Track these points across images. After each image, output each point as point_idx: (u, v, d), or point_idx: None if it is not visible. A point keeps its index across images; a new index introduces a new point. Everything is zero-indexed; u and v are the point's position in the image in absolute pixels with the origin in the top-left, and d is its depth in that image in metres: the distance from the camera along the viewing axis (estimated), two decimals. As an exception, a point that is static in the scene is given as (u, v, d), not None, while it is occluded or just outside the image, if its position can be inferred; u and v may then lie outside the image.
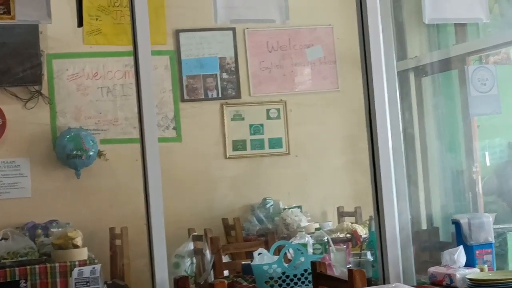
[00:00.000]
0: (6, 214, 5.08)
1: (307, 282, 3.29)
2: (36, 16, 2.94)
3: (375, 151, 3.50)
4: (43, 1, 2.92)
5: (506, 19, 4.74)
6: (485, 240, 3.46)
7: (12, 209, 5.15)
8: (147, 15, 3.18)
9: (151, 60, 3.22)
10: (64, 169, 5.37)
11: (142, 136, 3.19)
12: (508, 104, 4.29)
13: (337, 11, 5.55)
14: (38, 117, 5.39)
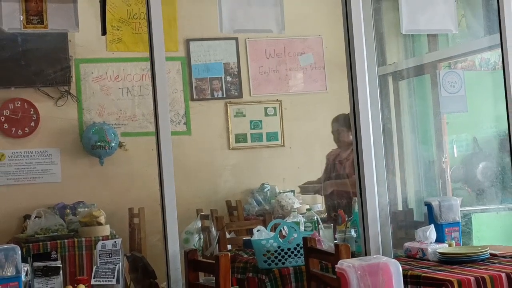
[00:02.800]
0: (40, 196, 5.09)
1: (299, 255, 3.31)
2: (65, 26, 2.94)
3: (358, 144, 3.51)
4: (72, 13, 2.92)
5: (472, 31, 4.73)
6: (453, 220, 3.48)
7: (45, 192, 5.15)
8: (161, 26, 3.19)
9: (165, 65, 3.23)
10: (90, 158, 5.37)
11: (157, 129, 3.20)
12: (473, 104, 4.29)
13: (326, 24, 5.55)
14: (67, 113, 5.39)
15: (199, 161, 5.63)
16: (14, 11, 2.88)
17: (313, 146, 5.84)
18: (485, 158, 4.63)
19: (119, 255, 2.76)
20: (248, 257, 3.57)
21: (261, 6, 3.37)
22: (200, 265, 3.01)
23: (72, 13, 2.92)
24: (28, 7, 2.88)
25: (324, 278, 2.92)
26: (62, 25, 2.92)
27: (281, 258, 3.32)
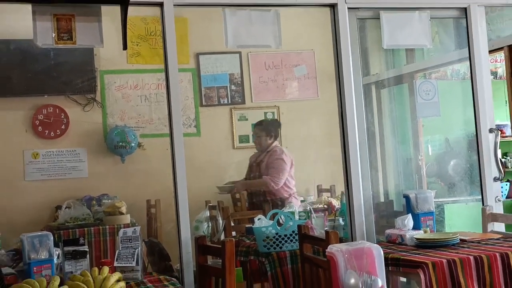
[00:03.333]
0: (69, 190, 5.08)
1: (295, 240, 3.31)
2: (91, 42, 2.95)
3: (346, 144, 3.53)
4: (97, 30, 2.93)
5: (444, 46, 4.73)
6: (428, 210, 3.49)
7: (74, 186, 5.15)
8: (175, 42, 3.19)
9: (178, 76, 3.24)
10: (113, 156, 5.37)
11: (171, 132, 3.21)
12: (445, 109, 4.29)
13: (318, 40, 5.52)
14: (93, 118, 5.38)
15: (207, 159, 5.62)
16: (47, 29, 2.89)
17: (307, 146, 5.84)
18: (455, 156, 4.61)
19: (138, 241, 2.76)
20: (250, 242, 3.58)
21: (261, 25, 3.38)
22: (208, 249, 3.01)
23: (97, 31, 2.93)
24: (59, 25, 2.89)
25: (316, 261, 2.93)
26: (88, 41, 2.93)
27: (278, 243, 3.33)
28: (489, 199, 3.73)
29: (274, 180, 4.61)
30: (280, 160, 4.71)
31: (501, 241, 3.10)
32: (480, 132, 3.77)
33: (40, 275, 2.57)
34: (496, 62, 5.94)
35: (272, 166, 4.67)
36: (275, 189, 4.64)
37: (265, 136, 4.76)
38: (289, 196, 4.70)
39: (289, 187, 4.74)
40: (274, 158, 4.70)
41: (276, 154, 4.71)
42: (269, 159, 4.70)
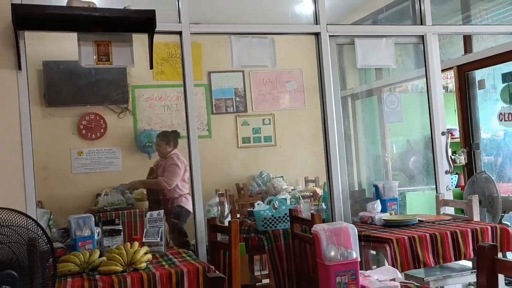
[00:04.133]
0: (107, 180, 5.07)
1: (287, 221, 3.31)
2: (125, 62, 2.95)
3: (327, 144, 3.53)
4: (129, 54, 2.93)
5: (405, 66, 4.74)
6: (392, 197, 3.49)
7: (110, 177, 5.14)
8: (191, 63, 3.20)
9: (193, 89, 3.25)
10: (141, 154, 5.36)
11: (188, 134, 3.21)
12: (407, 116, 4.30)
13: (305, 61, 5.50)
14: (126, 123, 5.38)
15: (217, 156, 5.61)
16: (89, 53, 2.89)
17: (296, 146, 5.85)
18: (415, 154, 4.63)
19: (162, 221, 2.76)
20: (251, 222, 3.58)
21: (259, 49, 3.38)
22: (218, 228, 3.02)
23: (129, 54, 2.93)
24: (99, 50, 2.89)
25: (303, 237, 2.92)
26: (122, 62, 2.94)
27: (274, 223, 3.33)
28: (441, 188, 3.74)
29: (168, 181, 4.45)
30: (175, 165, 4.55)
31: (451, 221, 3.11)
32: (434, 134, 3.78)
33: (83, 248, 2.59)
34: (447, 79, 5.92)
35: (167, 170, 4.52)
36: (167, 189, 4.49)
37: (165, 144, 4.65)
38: (179, 196, 4.54)
39: (181, 189, 4.56)
40: (170, 163, 4.52)
41: (172, 160, 4.55)
42: (166, 164, 4.57)
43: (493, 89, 5.29)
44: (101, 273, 2.30)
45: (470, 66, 5.01)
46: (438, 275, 2.98)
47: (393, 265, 2.65)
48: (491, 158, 5.52)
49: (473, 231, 2.82)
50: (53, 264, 1.93)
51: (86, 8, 2.66)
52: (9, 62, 2.77)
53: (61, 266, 2.32)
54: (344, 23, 4.22)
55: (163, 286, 2.22)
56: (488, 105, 5.30)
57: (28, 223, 1.90)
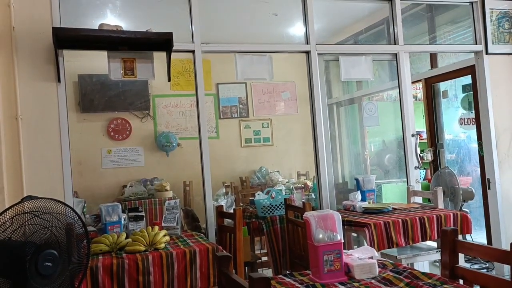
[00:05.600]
0: (131, 174, 5.09)
1: (282, 208, 3.31)
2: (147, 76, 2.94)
3: (316, 144, 3.52)
4: (151, 69, 2.93)
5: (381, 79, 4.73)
6: (370, 188, 3.49)
7: (135, 172, 5.15)
8: (202, 76, 3.20)
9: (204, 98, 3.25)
10: (161, 152, 5.36)
11: (200, 136, 3.21)
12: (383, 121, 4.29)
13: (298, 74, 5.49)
14: (148, 126, 5.39)
15: (224, 154, 5.63)
16: (117, 68, 2.89)
17: (290, 145, 5.85)
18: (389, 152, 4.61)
19: (178, 209, 2.77)
20: (252, 209, 3.59)
21: (259, 65, 3.37)
22: (225, 214, 3.02)
23: (151, 69, 2.93)
24: (125, 65, 2.89)
25: (296, 222, 2.93)
26: (145, 75, 2.93)
27: (271, 210, 3.34)
28: (412, 181, 3.73)
29: None
30: None
31: (419, 209, 3.11)
32: (405, 136, 3.76)
33: (112, 231, 2.59)
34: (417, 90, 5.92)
35: None
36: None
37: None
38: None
39: None
40: None
41: None
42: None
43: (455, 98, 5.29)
44: (127, 252, 2.30)
45: (436, 79, 5.01)
46: (409, 254, 2.98)
47: (371, 245, 2.65)
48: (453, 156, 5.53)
49: (437, 217, 2.82)
50: (87, 245, 1.94)
51: (115, 30, 2.66)
52: (50, 75, 2.77)
53: (93, 246, 2.33)
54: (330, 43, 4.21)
55: (179, 263, 2.23)
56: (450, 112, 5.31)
57: (66, 210, 1.91)
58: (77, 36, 2.66)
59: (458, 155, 5.48)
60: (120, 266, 2.15)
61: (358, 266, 1.67)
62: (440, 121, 5.16)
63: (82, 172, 4.99)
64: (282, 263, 3.24)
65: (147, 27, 2.83)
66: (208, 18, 3.36)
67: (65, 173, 2.77)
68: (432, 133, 5.16)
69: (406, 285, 1.54)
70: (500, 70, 3.99)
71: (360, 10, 4.39)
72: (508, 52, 3.98)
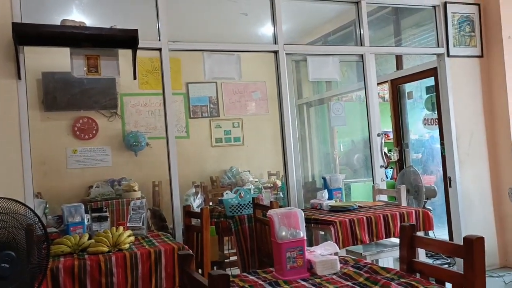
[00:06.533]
0: (98, 174, 4.98)
1: (250, 207, 3.32)
2: (112, 73, 2.88)
3: (284, 144, 3.55)
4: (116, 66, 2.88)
5: (349, 79, 4.81)
6: (337, 187, 3.54)
7: (101, 172, 5.04)
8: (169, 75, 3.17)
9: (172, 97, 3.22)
10: (129, 152, 5.27)
11: (167, 135, 3.18)
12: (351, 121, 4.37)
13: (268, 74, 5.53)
14: (115, 125, 5.28)
15: (194, 154, 5.59)
16: (80, 65, 2.83)
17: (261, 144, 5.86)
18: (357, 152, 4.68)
19: (144, 209, 2.73)
20: (221, 209, 3.57)
21: (227, 64, 3.37)
22: (192, 214, 3.01)
23: (116, 66, 2.88)
24: (89, 62, 2.83)
25: (263, 221, 2.95)
26: (109, 73, 2.88)
27: (239, 209, 3.34)
28: (377, 180, 3.81)
29: None
30: None
31: (384, 206, 3.18)
32: (371, 136, 3.84)
33: (75, 233, 2.54)
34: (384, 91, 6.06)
35: None
36: None
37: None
38: None
39: None
40: None
41: None
42: None
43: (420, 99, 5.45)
44: (90, 253, 2.26)
45: (401, 80, 5.15)
46: (373, 250, 3.04)
47: (336, 243, 2.69)
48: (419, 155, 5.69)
49: (400, 214, 2.89)
50: (47, 246, 1.90)
51: (77, 27, 2.61)
52: (10, 72, 2.69)
53: (55, 247, 2.28)
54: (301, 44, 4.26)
55: (143, 263, 2.20)
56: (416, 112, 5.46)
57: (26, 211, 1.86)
58: (38, 32, 2.60)
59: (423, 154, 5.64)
60: (82, 268, 2.11)
61: (320, 262, 1.70)
62: (405, 121, 5.30)
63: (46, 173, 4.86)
64: (250, 262, 3.25)
65: (112, 24, 2.78)
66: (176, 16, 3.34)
67: (26, 173, 2.70)
68: (398, 133, 5.30)
69: (365, 280, 1.58)
70: (461, 72, 4.14)
71: (329, 12, 4.46)
72: (469, 55, 4.14)
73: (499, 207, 4.17)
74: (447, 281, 1.56)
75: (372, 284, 1.53)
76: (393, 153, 5.37)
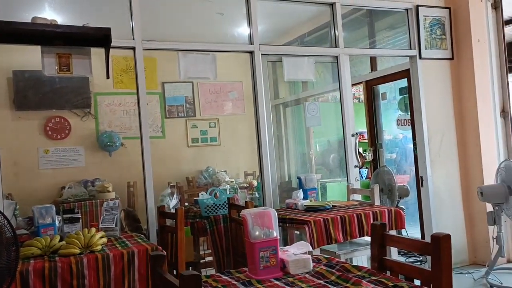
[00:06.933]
0: (71, 175, 4.87)
1: (226, 208, 3.32)
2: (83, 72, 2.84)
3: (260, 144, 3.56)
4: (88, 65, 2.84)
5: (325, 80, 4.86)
6: (312, 186, 3.56)
7: (74, 172, 4.94)
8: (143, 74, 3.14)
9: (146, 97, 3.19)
10: (103, 152, 5.17)
11: (141, 135, 3.15)
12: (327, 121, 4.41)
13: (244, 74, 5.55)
14: (89, 125, 5.18)
15: (170, 154, 5.54)
16: (52, 63, 2.78)
17: (237, 144, 5.87)
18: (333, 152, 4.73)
19: (117, 210, 2.70)
20: (196, 209, 3.56)
21: (203, 64, 3.36)
22: (166, 214, 2.99)
23: (88, 65, 2.84)
24: (60, 61, 2.78)
25: (238, 221, 2.95)
26: (81, 72, 2.83)
27: (215, 210, 3.33)
28: (352, 179, 3.86)
29: None
30: None
31: (358, 206, 3.22)
32: (346, 136, 3.89)
33: (45, 234, 2.48)
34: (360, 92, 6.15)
35: None
36: None
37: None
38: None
39: None
40: None
41: None
42: None
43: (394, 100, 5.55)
44: (61, 255, 2.21)
45: (375, 81, 5.23)
46: (347, 249, 3.09)
47: (311, 242, 2.72)
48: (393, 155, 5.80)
49: (373, 213, 2.94)
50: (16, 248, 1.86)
51: (49, 24, 2.55)
52: (-22, 70, 2.62)
53: (25, 249, 2.23)
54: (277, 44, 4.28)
55: (116, 265, 2.18)
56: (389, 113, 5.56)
57: (-7, 212, 1.82)
58: (8, 30, 2.53)
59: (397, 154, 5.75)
60: (53, 270, 2.07)
61: (293, 261, 1.71)
62: (379, 122, 5.39)
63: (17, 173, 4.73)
64: (226, 262, 3.25)
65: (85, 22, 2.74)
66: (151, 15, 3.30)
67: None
68: (372, 134, 5.38)
69: (337, 278, 1.61)
70: (432, 74, 4.25)
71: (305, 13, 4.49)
72: (440, 57, 4.25)
73: (469, 206, 4.29)
74: (415, 278, 1.59)
75: (343, 282, 1.56)
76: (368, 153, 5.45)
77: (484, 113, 4.21)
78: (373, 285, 1.49)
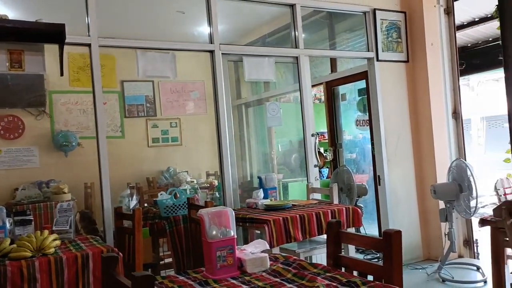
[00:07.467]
0: (25, 176, 4.68)
1: (185, 208, 3.28)
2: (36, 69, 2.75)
3: (220, 144, 3.56)
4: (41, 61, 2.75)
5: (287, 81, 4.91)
6: (273, 186, 3.58)
7: (28, 174, 4.75)
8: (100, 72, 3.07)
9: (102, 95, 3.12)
10: (58, 152, 5.01)
11: (97, 134, 3.09)
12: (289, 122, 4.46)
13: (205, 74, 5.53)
14: (43, 125, 5.00)
15: (130, 154, 5.44)
16: (2, 60, 2.67)
17: (199, 145, 5.83)
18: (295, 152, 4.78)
19: (72, 211, 2.62)
20: (156, 210, 3.50)
21: (162, 62, 3.33)
22: (123, 215, 2.92)
23: (41, 62, 2.75)
24: (12, 57, 2.67)
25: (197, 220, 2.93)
26: (34, 69, 2.74)
27: (174, 210, 3.29)
28: (311, 179, 3.92)
29: None
30: None
31: (317, 205, 3.26)
32: (306, 136, 3.95)
33: (-6, 238, 2.38)
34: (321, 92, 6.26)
35: None
36: None
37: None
38: None
39: None
40: None
41: None
42: None
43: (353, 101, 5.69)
44: (11, 258, 2.12)
45: (335, 82, 5.34)
46: (307, 248, 3.13)
47: (270, 241, 2.74)
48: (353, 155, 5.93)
49: (332, 212, 3.00)
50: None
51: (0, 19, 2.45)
52: None
53: (-29, 254, 2.12)
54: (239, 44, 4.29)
55: (70, 268, 2.11)
56: (349, 114, 5.69)
57: None
58: (-48, 23, 2.41)
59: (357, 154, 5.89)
60: (2, 274, 1.98)
61: (250, 260, 1.72)
62: (339, 122, 5.51)
63: (-34, 175, 4.51)
64: (186, 263, 3.22)
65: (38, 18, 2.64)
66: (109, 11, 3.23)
67: None
68: (332, 134, 5.49)
69: (293, 276, 1.63)
70: (389, 76, 4.38)
71: (266, 14, 4.53)
72: (396, 60, 4.39)
73: (423, 204, 4.46)
74: (369, 273, 1.64)
75: (299, 280, 1.58)
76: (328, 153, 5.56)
77: (437, 114, 4.38)
78: (327, 281, 1.53)
